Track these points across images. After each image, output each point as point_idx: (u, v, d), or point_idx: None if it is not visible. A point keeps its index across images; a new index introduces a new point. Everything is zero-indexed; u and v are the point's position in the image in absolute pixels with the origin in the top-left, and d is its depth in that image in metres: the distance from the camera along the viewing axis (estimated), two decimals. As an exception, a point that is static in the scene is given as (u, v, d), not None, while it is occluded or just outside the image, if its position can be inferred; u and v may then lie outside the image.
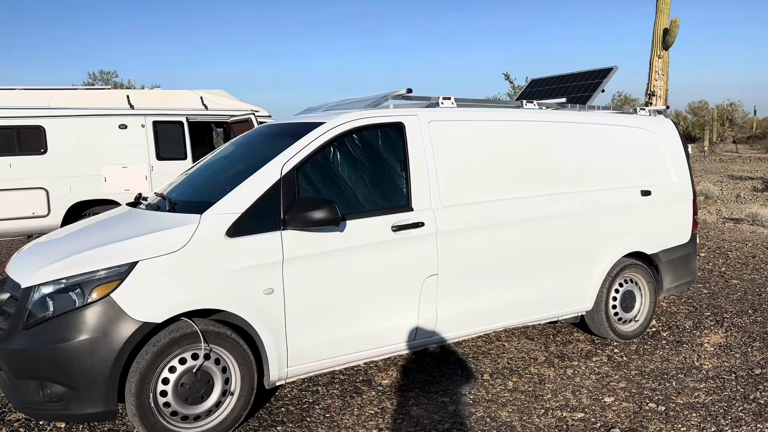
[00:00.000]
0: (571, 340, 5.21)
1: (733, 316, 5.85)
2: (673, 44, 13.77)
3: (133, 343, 3.27)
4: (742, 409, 3.90)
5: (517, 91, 22.96)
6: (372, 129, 4.09)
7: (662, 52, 13.95)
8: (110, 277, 3.28)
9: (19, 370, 3.32)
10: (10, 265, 3.83)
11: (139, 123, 8.92)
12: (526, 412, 3.90)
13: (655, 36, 14.05)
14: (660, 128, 5.44)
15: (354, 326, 3.91)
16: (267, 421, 3.80)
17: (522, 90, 6.49)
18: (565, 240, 4.70)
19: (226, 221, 3.54)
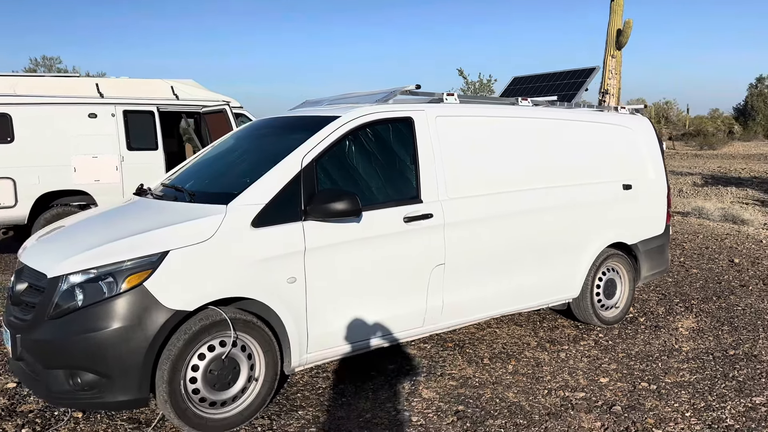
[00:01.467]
0: (558, 326, 5.50)
1: (700, 302, 6.27)
2: (625, 44, 14.34)
3: (166, 331, 3.33)
4: (725, 386, 4.23)
5: (470, 87, 23.37)
6: (383, 123, 4.23)
7: (615, 51, 14.50)
8: (142, 266, 3.32)
9: (47, 360, 3.33)
10: (25, 254, 3.80)
11: (109, 112, 8.75)
12: (530, 392, 4.13)
13: (609, 36, 14.60)
14: (639, 126, 5.77)
15: (369, 314, 4.05)
16: (286, 407, 3.91)
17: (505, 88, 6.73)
18: (558, 231, 4.96)
19: (251, 212, 3.62)
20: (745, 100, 48.61)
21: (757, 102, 47.29)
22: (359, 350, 4.13)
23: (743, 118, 47.32)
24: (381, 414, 3.82)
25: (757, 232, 10.73)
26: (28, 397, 4.09)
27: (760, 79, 48.49)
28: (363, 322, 4.04)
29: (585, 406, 3.93)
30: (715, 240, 9.82)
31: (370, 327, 4.08)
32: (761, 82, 48.35)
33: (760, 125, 46.19)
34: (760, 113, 46.67)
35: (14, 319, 3.59)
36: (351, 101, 4.77)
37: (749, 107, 47.71)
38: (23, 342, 3.45)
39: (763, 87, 48.14)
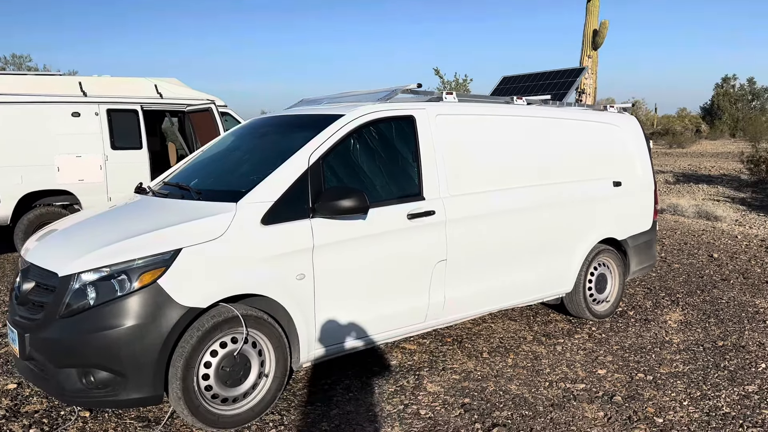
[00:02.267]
0: (551, 320, 5.61)
1: (685, 296, 6.44)
2: (601, 45, 14.59)
3: (180, 329, 3.35)
4: (717, 376, 4.38)
5: (446, 86, 23.54)
6: (386, 121, 4.29)
7: (591, 52, 14.75)
8: (156, 264, 3.33)
9: (59, 358, 3.32)
10: (31, 253, 3.77)
11: (92, 111, 8.66)
12: (532, 385, 4.23)
13: (585, 37, 14.86)
14: (627, 124, 5.92)
15: (374, 310, 4.11)
16: (294, 403, 3.95)
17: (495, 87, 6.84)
18: (553, 227, 5.07)
19: (260, 209, 3.65)
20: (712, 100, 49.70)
21: (722, 101, 48.39)
22: (364, 346, 4.18)
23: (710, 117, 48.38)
24: (389, 408, 3.88)
25: (731, 228, 11.02)
26: (31, 398, 4.06)
27: (726, 79, 49.64)
28: (368, 318, 4.09)
29: (586, 396, 4.04)
30: (693, 236, 10.08)
31: (375, 323, 4.13)
32: (727, 82, 49.50)
33: (725, 124, 47.27)
34: (726, 112, 47.76)
35: (22, 319, 3.57)
36: (351, 100, 4.82)
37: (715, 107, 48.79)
38: (32, 341, 3.44)
39: (728, 87, 49.28)
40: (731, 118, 47.69)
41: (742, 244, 9.41)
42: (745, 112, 48.09)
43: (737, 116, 47.62)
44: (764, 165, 18.06)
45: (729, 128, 47.14)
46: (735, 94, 48.92)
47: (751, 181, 18.28)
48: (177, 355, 3.36)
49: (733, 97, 48.61)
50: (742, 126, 45.99)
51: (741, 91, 49.22)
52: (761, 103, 49.04)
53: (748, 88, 49.26)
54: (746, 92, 49.23)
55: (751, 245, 9.27)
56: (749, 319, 5.67)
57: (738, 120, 47.25)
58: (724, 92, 48.86)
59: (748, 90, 49.28)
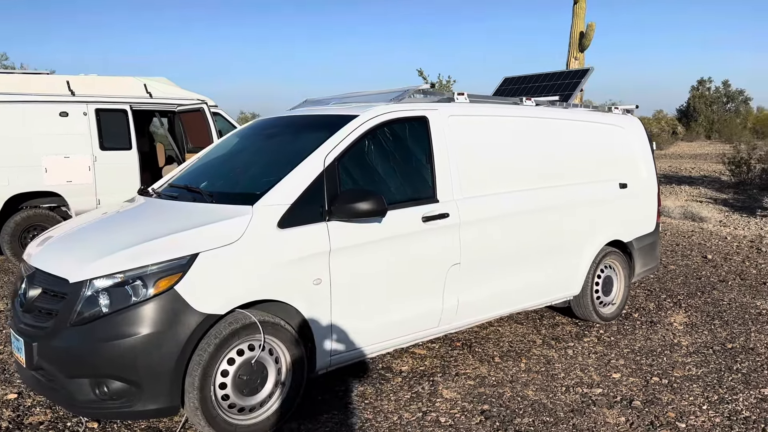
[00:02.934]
0: (557, 324, 5.57)
1: (686, 298, 6.45)
2: (588, 47, 14.66)
3: (198, 336, 3.23)
4: (732, 379, 4.36)
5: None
6: (400, 122, 4.20)
7: (578, 54, 14.82)
8: (173, 269, 3.21)
9: (70, 368, 3.19)
10: (36, 258, 3.62)
11: (80, 111, 8.45)
12: (549, 390, 4.17)
13: (572, 39, 14.91)
14: (631, 126, 5.90)
15: (389, 315, 4.02)
16: (310, 411, 3.84)
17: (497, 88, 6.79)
18: (563, 229, 5.03)
19: (277, 212, 3.55)
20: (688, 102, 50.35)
21: (698, 104, 49.03)
22: (379, 351, 4.09)
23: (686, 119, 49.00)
24: (407, 416, 3.79)
25: (718, 229, 11.11)
26: (33, 408, 3.91)
27: (702, 81, 50.34)
28: (384, 323, 4.00)
29: (605, 402, 3.99)
30: (683, 237, 10.14)
31: (390, 328, 4.04)
32: (702, 84, 50.20)
33: (701, 126, 47.91)
34: (702, 114, 48.41)
35: (28, 327, 3.42)
36: (359, 100, 4.73)
37: (691, 109, 49.43)
38: (41, 350, 3.29)
39: (704, 89, 49.97)
40: (707, 120, 48.35)
41: (733, 245, 9.49)
42: (720, 114, 48.81)
43: (712, 118, 48.30)
44: (745, 167, 18.30)
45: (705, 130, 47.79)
46: (710, 97, 49.62)
47: (733, 183, 18.51)
48: (194, 363, 3.24)
49: (709, 100, 49.30)
50: (717, 128, 46.69)
51: (716, 93, 49.95)
52: (735, 105, 49.82)
53: (723, 91, 50.02)
54: (721, 95, 49.98)
55: (741, 246, 9.34)
56: (753, 320, 5.68)
57: (713, 122, 47.93)
58: (699, 95, 49.52)
59: (723, 92, 50.03)
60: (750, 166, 18.30)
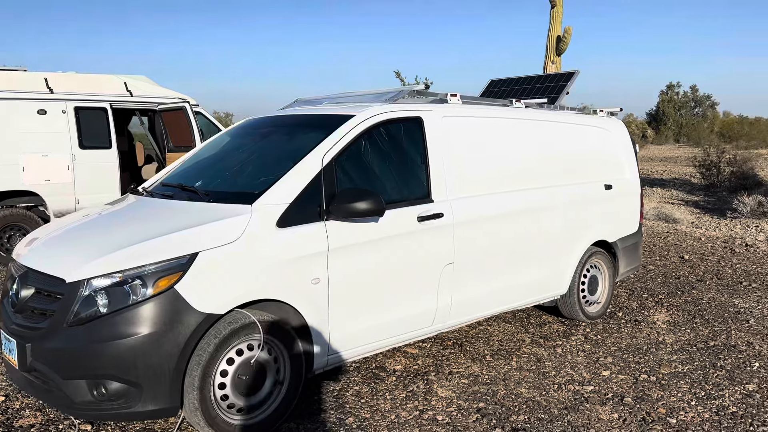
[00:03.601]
0: (544, 323, 5.64)
1: (667, 297, 6.58)
2: (565, 51, 14.85)
3: (198, 336, 3.21)
4: (717, 376, 4.47)
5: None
6: (395, 122, 4.22)
7: (555, 58, 15.01)
8: (172, 268, 3.19)
9: (67, 369, 3.14)
10: (28, 258, 3.56)
11: (59, 108, 8.31)
12: (541, 387, 4.23)
13: (549, 42, 15.09)
14: (615, 128, 6.00)
15: (385, 314, 4.03)
16: (307, 411, 3.84)
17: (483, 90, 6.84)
18: (552, 229, 5.10)
19: (275, 212, 3.54)
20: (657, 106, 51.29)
21: (667, 108, 49.99)
22: (374, 351, 4.11)
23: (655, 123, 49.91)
24: (404, 414, 3.81)
25: (691, 230, 11.34)
26: (23, 411, 3.84)
27: (671, 86, 51.32)
28: (380, 322, 4.01)
29: (597, 399, 4.06)
30: (659, 238, 10.33)
31: (385, 328, 4.06)
32: (671, 89, 51.17)
33: (670, 130, 48.84)
34: (671, 118, 49.37)
35: (20, 328, 3.36)
36: (352, 100, 4.74)
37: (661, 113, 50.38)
38: (34, 352, 3.24)
39: (672, 94, 50.94)
40: (675, 124, 49.33)
41: (707, 245, 9.70)
42: (688, 119, 49.83)
43: (681, 122, 49.29)
44: (715, 170, 18.71)
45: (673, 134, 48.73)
46: (679, 101, 50.62)
47: (703, 185, 18.91)
48: (194, 363, 3.22)
49: (677, 104, 50.30)
50: (685, 132, 47.66)
51: (684, 98, 50.96)
52: (703, 109, 50.87)
53: (691, 95, 51.04)
54: (689, 99, 51.00)
55: (716, 247, 9.56)
56: (732, 319, 5.82)
57: (682, 126, 48.92)
58: (668, 99, 50.48)
59: (691, 97, 51.06)
60: (719, 169, 18.72)
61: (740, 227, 12.34)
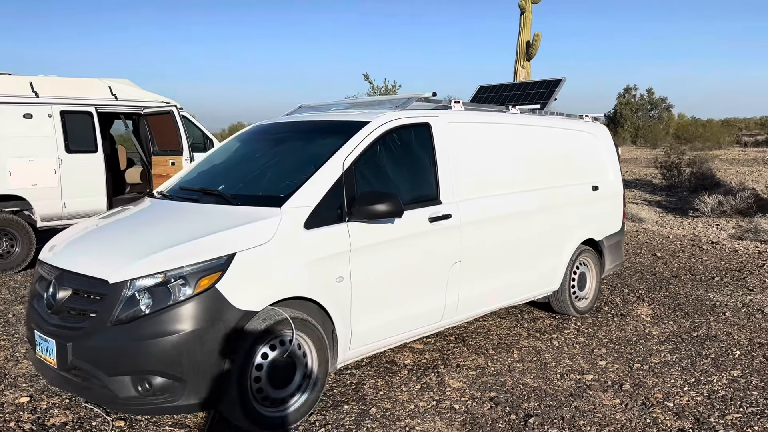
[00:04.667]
0: (537, 318, 5.93)
1: (647, 292, 6.95)
2: (535, 56, 15.31)
3: (237, 332, 3.37)
4: (703, 363, 4.81)
5: (376, 92, 23.81)
6: (406, 128, 4.45)
7: (525, 62, 15.46)
8: (213, 268, 3.35)
9: (112, 366, 3.28)
10: (61, 260, 3.67)
11: (45, 112, 8.30)
12: (545, 377, 4.50)
13: (519, 48, 15.53)
14: (600, 132, 6.35)
15: (400, 310, 4.25)
16: (329, 403, 4.03)
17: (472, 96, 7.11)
18: (548, 229, 5.39)
19: (303, 214, 3.73)
20: (615, 109, 52.58)
21: (625, 110, 51.29)
22: (389, 345, 4.32)
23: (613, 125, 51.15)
24: (422, 404, 4.03)
25: (658, 228, 11.85)
26: (51, 410, 3.94)
27: (628, 89, 52.68)
28: (395, 318, 4.23)
29: (599, 386, 4.35)
30: (630, 237, 10.77)
31: (400, 323, 4.28)
32: (628, 92, 52.54)
33: (628, 131, 50.13)
34: (628, 120, 50.68)
35: (59, 328, 3.48)
36: (361, 107, 4.95)
37: (618, 115, 51.67)
38: (76, 350, 3.37)
39: (630, 97, 52.30)
40: (633, 126, 50.64)
41: (676, 243, 10.17)
42: (644, 121, 51.21)
43: (638, 124, 50.63)
44: (676, 170, 19.45)
45: (631, 135, 50.03)
46: (636, 104, 51.99)
47: (665, 186, 19.62)
48: (233, 358, 3.38)
49: (634, 107, 51.66)
50: (642, 133, 49.00)
51: (641, 100, 52.38)
52: (659, 112, 52.36)
53: (648, 98, 52.48)
54: (646, 102, 52.43)
55: (684, 244, 10.03)
56: (709, 311, 6.20)
57: (638, 128, 50.26)
58: (626, 102, 51.82)
59: (648, 100, 52.50)
60: (680, 170, 19.46)
61: (702, 226, 12.94)
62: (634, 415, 3.89)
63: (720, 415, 3.90)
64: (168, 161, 9.03)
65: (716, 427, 3.75)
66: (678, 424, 3.78)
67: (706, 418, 3.86)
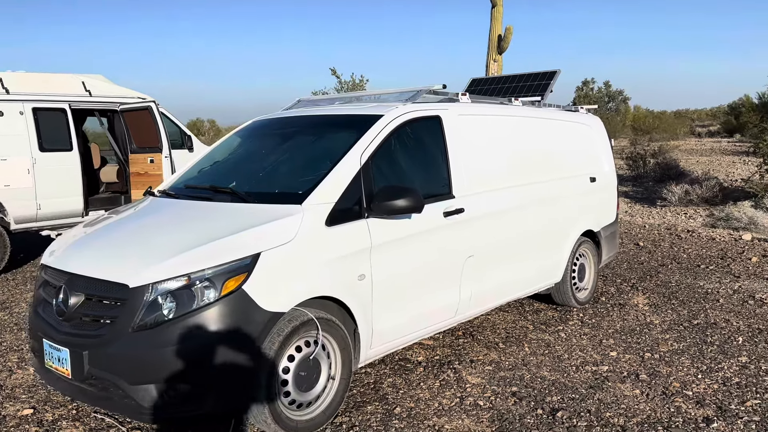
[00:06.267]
0: (538, 310, 5.93)
1: (639, 282, 7.02)
2: (506, 49, 15.36)
3: (265, 335, 3.25)
4: (711, 351, 4.86)
5: (344, 86, 23.61)
6: (418, 121, 4.36)
7: (497, 56, 15.49)
8: (239, 269, 3.22)
9: (135, 375, 3.12)
10: (67, 264, 3.49)
11: (17, 110, 7.95)
12: (561, 370, 4.48)
13: (491, 42, 15.56)
14: (595, 124, 6.37)
15: (419, 307, 4.17)
16: (351, 404, 3.93)
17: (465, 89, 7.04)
18: (552, 221, 5.39)
19: (324, 211, 3.62)
20: (573, 101, 53.39)
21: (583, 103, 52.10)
22: (407, 343, 4.25)
23: (573, 118, 51.98)
24: (446, 402, 3.97)
25: (630, 219, 12.03)
26: (59, 422, 3.75)
27: (586, 82, 53.58)
28: (414, 315, 4.15)
29: (616, 377, 4.35)
30: (609, 227, 10.90)
31: (418, 320, 4.20)
32: (586, 85, 53.45)
33: (586, 124, 51.02)
34: (587, 113, 51.54)
35: (72, 336, 3.30)
36: (365, 101, 4.85)
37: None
38: (93, 359, 3.20)
39: (588, 89, 53.20)
40: (591, 119, 51.56)
41: (654, 232, 10.34)
42: (602, 113, 52.19)
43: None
44: (641, 161, 19.82)
45: (589, 128, 50.92)
46: (593, 96, 52.87)
47: (631, 176, 19.97)
48: (261, 361, 3.26)
49: (592, 99, 52.53)
50: (600, 125, 49.91)
51: (599, 93, 53.33)
52: (616, 104, 53.41)
53: (605, 91, 53.49)
54: (603, 94, 53.42)
55: (662, 233, 10.21)
56: (703, 299, 6.29)
57: (597, 120, 51.23)
58: (584, 94, 52.66)
59: (605, 92, 53.51)
60: (645, 160, 19.85)
61: (671, 215, 13.18)
62: (657, 405, 3.90)
63: (740, 402, 3.94)
64: (146, 159, 8.75)
65: (739, 414, 3.78)
66: (702, 413, 3.80)
67: (727, 406, 3.89)
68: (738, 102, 41.71)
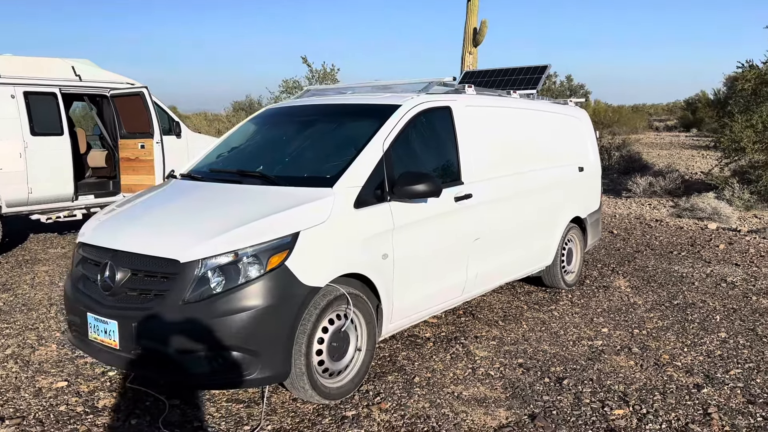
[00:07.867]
0: (530, 291, 6.29)
1: (618, 266, 7.46)
2: (482, 42, 15.72)
3: (304, 308, 3.50)
4: (692, 327, 5.28)
5: (315, 75, 23.71)
6: (432, 111, 4.64)
7: (472, 49, 15.84)
8: (281, 246, 3.45)
9: (185, 344, 3.33)
10: (111, 240, 3.68)
11: (8, 93, 7.95)
12: (560, 344, 4.83)
13: (467, 35, 15.90)
14: (582, 116, 6.74)
15: (432, 285, 4.46)
16: (372, 374, 4.20)
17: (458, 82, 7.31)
18: (547, 207, 5.73)
19: (352, 194, 3.87)
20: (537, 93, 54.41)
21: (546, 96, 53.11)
22: (421, 318, 4.54)
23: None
24: (459, 372, 4.28)
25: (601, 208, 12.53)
26: (96, 393, 3.93)
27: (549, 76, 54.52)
28: (428, 293, 4.44)
29: (611, 350, 4.72)
30: (582, 216, 11.38)
31: (431, 297, 4.49)
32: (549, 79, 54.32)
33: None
34: (549, 106, 52.55)
35: (120, 310, 3.49)
36: (377, 91, 5.09)
37: (540, 101, 53.49)
38: (143, 330, 3.40)
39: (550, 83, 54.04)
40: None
41: (625, 221, 10.85)
42: (564, 107, 53.32)
43: (558, 110, 52.63)
44: (606, 154, 20.48)
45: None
46: (556, 90, 53.91)
47: (596, 168, 20.63)
48: (300, 332, 3.51)
49: (555, 93, 53.55)
50: (562, 119, 50.95)
51: (561, 87, 54.40)
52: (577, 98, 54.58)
53: (567, 85, 54.60)
54: (566, 88, 54.51)
55: (633, 222, 10.72)
56: (679, 282, 6.74)
57: (559, 113, 52.25)
58: (546, 88, 53.57)
59: (567, 86, 54.62)
60: (610, 153, 20.53)
61: (636, 205, 13.76)
62: (651, 374, 4.28)
63: (724, 371, 4.35)
64: (137, 144, 8.83)
65: (725, 380, 4.18)
66: (692, 380, 4.19)
67: (714, 374, 4.29)
68: (695, 98, 43.08)
